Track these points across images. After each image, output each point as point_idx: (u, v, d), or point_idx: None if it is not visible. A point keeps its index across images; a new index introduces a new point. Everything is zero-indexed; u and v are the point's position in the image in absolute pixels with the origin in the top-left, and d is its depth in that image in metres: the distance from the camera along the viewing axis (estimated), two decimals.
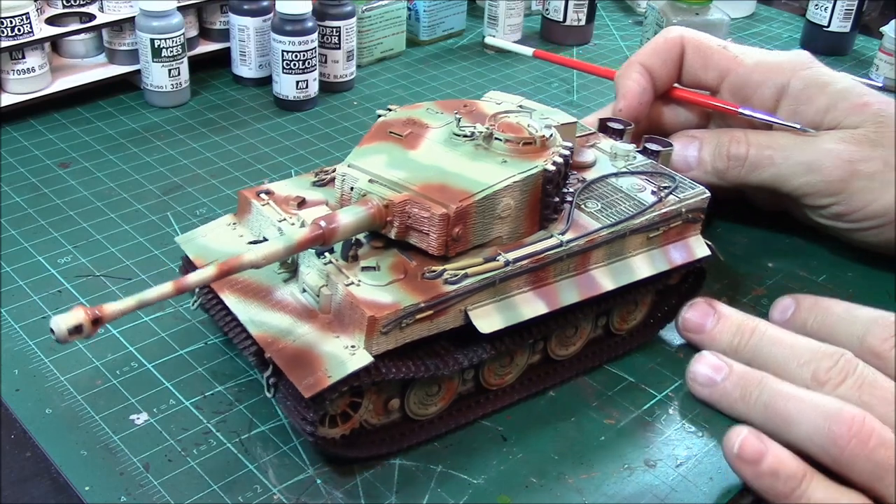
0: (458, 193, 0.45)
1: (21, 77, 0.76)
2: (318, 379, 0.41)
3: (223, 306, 0.47)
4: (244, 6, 0.81)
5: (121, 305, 0.38)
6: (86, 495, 0.43)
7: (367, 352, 0.42)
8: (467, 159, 0.47)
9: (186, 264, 0.51)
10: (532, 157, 0.47)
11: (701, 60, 0.65)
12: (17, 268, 0.58)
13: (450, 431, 0.48)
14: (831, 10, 0.99)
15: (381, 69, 0.92)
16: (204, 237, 0.50)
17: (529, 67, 0.94)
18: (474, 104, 0.53)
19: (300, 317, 0.45)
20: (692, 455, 0.48)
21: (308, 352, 0.43)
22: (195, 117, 0.79)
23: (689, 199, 0.53)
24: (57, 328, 0.36)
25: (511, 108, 0.53)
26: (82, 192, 0.67)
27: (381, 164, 0.47)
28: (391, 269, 0.45)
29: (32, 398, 0.48)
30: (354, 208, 0.45)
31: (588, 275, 0.49)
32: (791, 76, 0.62)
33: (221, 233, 0.51)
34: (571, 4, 0.98)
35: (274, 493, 0.44)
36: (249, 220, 0.50)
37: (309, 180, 0.52)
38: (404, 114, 0.51)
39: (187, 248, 0.50)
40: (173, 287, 0.39)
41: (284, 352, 0.43)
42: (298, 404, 0.42)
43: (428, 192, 0.45)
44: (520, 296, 0.47)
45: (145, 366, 0.51)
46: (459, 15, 1.00)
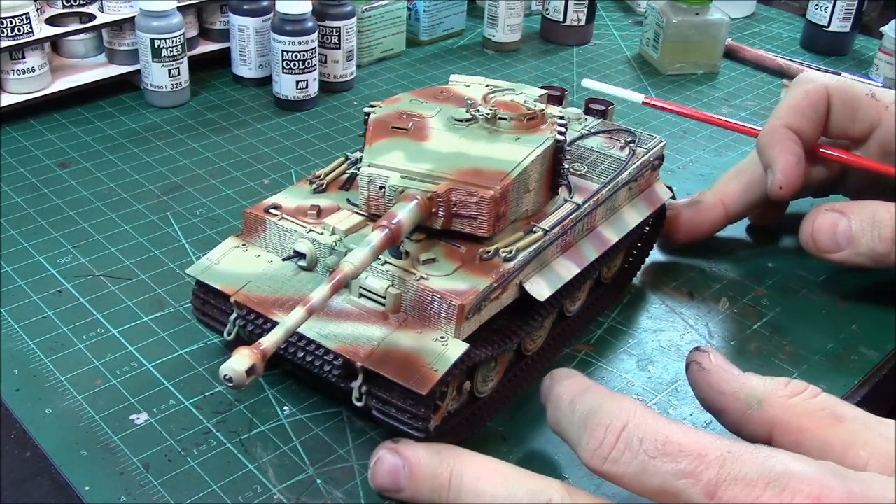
0: (495, 174, 0.46)
1: (21, 77, 0.76)
2: (427, 374, 0.41)
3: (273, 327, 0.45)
4: (244, 6, 0.81)
5: (274, 338, 0.38)
6: (86, 495, 0.43)
7: (458, 340, 0.43)
8: (484, 141, 0.48)
9: (204, 294, 0.49)
10: (538, 131, 0.50)
11: (849, 112, 0.59)
12: (17, 268, 0.58)
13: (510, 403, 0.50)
14: (831, 10, 0.99)
15: (381, 69, 0.92)
16: (218, 264, 0.48)
17: (529, 68, 0.94)
18: (449, 90, 0.54)
19: (369, 322, 0.44)
20: None
21: (399, 352, 0.42)
22: (195, 117, 0.79)
23: (654, 149, 0.57)
24: (235, 374, 0.36)
25: (482, 87, 0.54)
26: (82, 192, 0.67)
27: (402, 159, 0.47)
28: (448, 258, 0.46)
29: (32, 398, 0.48)
30: (405, 204, 0.45)
31: (596, 232, 0.53)
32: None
33: (236, 256, 0.49)
34: (571, 4, 0.98)
35: (274, 493, 0.44)
36: (263, 238, 0.49)
37: (306, 189, 0.51)
38: (391, 108, 0.51)
39: (207, 278, 0.48)
40: (306, 311, 0.39)
41: (374, 358, 0.42)
42: (405, 404, 0.42)
43: (465, 177, 0.46)
44: (555, 261, 0.49)
45: (145, 366, 0.51)
46: (459, 15, 1.00)
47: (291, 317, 0.39)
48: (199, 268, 0.49)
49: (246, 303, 0.46)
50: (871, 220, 0.55)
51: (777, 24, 1.11)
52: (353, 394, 0.43)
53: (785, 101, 0.60)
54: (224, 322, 0.48)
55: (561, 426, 0.41)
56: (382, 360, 0.42)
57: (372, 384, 0.43)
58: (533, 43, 1.01)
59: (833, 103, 0.59)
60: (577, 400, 0.40)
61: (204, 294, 0.49)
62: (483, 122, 0.50)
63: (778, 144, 0.58)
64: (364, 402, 0.43)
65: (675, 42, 0.93)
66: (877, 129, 0.59)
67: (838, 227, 0.56)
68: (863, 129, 0.59)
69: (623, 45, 1.02)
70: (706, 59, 0.94)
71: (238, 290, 0.47)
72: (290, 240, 0.47)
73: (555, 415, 0.41)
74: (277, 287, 0.47)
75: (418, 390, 0.41)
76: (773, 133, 0.59)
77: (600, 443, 0.37)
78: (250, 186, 0.69)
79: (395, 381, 0.41)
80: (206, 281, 0.48)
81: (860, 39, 1.04)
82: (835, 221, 0.56)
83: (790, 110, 0.59)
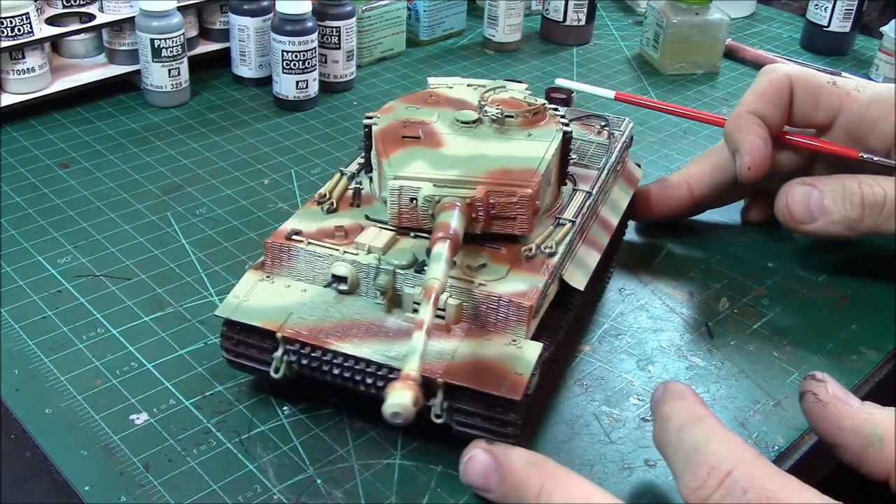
0: (525, 172, 0.46)
1: (21, 77, 0.76)
2: (514, 380, 0.41)
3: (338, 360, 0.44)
4: (244, 6, 0.81)
5: (414, 364, 0.37)
6: (86, 495, 0.43)
7: (529, 340, 0.43)
8: (498, 141, 0.49)
9: (237, 334, 0.46)
10: (545, 125, 0.50)
11: (812, 100, 0.60)
12: (17, 268, 0.58)
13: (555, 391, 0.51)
14: (831, 10, 0.99)
15: (381, 69, 0.92)
16: (248, 301, 0.46)
17: (529, 68, 0.94)
18: (437, 93, 0.54)
19: (432, 336, 0.43)
20: None
21: (476, 362, 0.42)
22: (195, 117, 0.79)
23: (627, 130, 0.59)
24: (404, 409, 0.35)
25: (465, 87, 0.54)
26: (82, 192, 0.67)
27: (427, 168, 0.46)
28: (495, 262, 0.46)
29: (32, 398, 0.48)
30: (451, 213, 0.44)
31: (599, 216, 0.54)
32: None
33: (264, 290, 0.46)
34: (571, 4, 0.98)
35: (274, 493, 0.44)
36: (290, 267, 0.47)
37: (316, 210, 0.49)
38: (391, 117, 0.51)
39: (242, 317, 0.45)
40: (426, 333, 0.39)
41: (453, 372, 0.42)
42: (493, 412, 0.42)
43: (498, 178, 0.46)
44: (579, 249, 0.50)
45: (145, 366, 0.51)
46: (459, 15, 1.00)
47: (417, 340, 0.38)
48: (228, 307, 0.46)
49: (296, 337, 0.44)
50: (841, 189, 0.57)
51: (777, 24, 1.11)
52: (433, 411, 0.43)
53: (750, 89, 0.62)
54: (264, 361, 0.46)
55: (665, 451, 0.41)
56: (463, 373, 0.42)
57: (452, 398, 0.43)
58: (533, 43, 1.01)
59: (796, 91, 0.61)
60: (686, 429, 0.40)
61: (237, 334, 0.46)
62: (489, 122, 0.50)
63: (744, 128, 0.60)
64: (444, 418, 0.43)
65: (675, 42, 0.93)
66: (839, 115, 0.60)
67: (811, 199, 0.58)
68: (826, 116, 0.61)
69: (623, 45, 1.02)
70: (706, 59, 0.94)
71: (282, 325, 0.44)
72: (324, 265, 0.46)
73: (661, 436, 0.41)
74: (323, 315, 0.45)
75: (512, 397, 0.41)
76: (738, 119, 0.61)
77: (702, 483, 0.37)
78: (250, 186, 0.69)
79: (485, 391, 0.41)
80: (241, 320, 0.45)
81: (860, 39, 1.04)
82: (808, 193, 0.58)
83: (755, 98, 0.61)
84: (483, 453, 0.42)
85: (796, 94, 0.61)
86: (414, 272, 0.45)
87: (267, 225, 0.64)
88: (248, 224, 0.64)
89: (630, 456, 0.47)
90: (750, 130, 0.60)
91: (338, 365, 0.44)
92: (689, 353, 0.55)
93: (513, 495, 0.41)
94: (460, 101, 0.53)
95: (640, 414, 0.50)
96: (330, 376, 0.45)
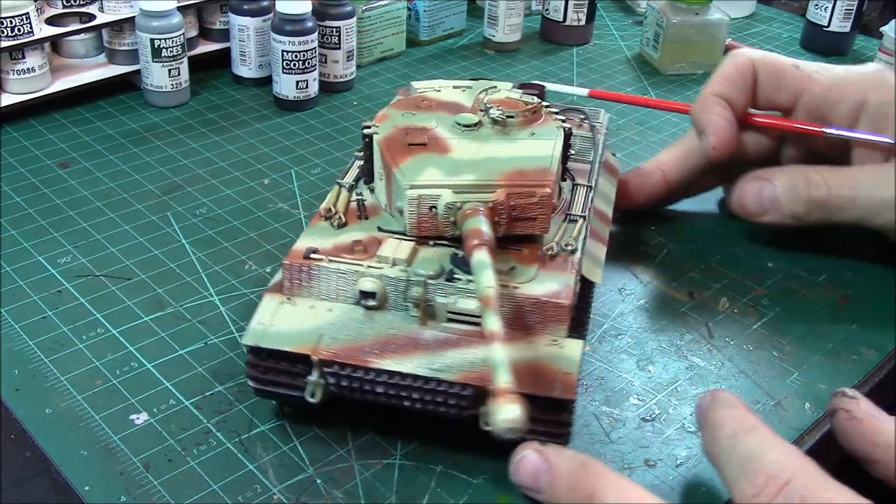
0: (539, 171, 0.47)
1: (21, 77, 0.76)
2: (565, 380, 0.42)
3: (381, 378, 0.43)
4: (244, 6, 0.81)
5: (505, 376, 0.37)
6: (86, 495, 0.43)
7: (568, 339, 0.44)
8: (505, 142, 0.49)
9: (264, 361, 0.45)
10: (542, 123, 0.50)
11: (774, 82, 0.62)
12: (17, 268, 0.58)
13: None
14: (831, 10, 0.99)
15: (381, 69, 0.92)
16: (274, 326, 0.44)
17: (529, 68, 0.94)
18: (427, 98, 0.53)
19: (472, 344, 0.43)
20: (692, 455, 0.47)
21: (522, 366, 0.42)
22: (195, 117, 0.79)
23: (605, 122, 0.61)
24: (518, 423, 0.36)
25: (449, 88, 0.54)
26: (82, 192, 0.67)
27: (441, 175, 0.46)
28: (521, 263, 0.46)
29: (32, 398, 0.48)
30: (478, 218, 0.44)
31: (595, 207, 0.54)
32: (868, 92, 0.59)
33: (288, 313, 0.45)
34: (571, 4, 0.98)
35: (274, 493, 0.44)
36: (311, 287, 0.45)
37: (325, 226, 0.48)
38: (389, 124, 0.50)
39: (272, 343, 0.44)
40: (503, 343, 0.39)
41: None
42: (546, 414, 0.42)
43: (514, 180, 0.46)
44: (589, 243, 0.50)
45: (145, 366, 0.51)
46: (459, 15, 1.00)
47: (497, 352, 0.38)
48: (255, 335, 0.44)
49: (333, 358, 0.43)
50: (791, 184, 0.60)
51: (777, 24, 1.11)
52: (483, 420, 0.42)
53: (715, 73, 0.63)
54: (296, 386, 0.44)
55: (717, 458, 0.41)
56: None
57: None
58: (533, 43, 1.01)
59: (759, 74, 0.62)
60: (739, 437, 0.40)
61: (264, 361, 0.45)
62: (490, 123, 0.50)
63: (708, 110, 0.61)
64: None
65: (675, 42, 0.93)
66: (801, 97, 0.62)
67: (763, 193, 0.60)
68: (789, 98, 0.62)
69: (623, 45, 1.02)
70: (706, 59, 0.94)
71: (316, 347, 0.43)
72: (348, 282, 0.45)
73: (712, 443, 0.42)
74: (356, 334, 0.44)
75: (567, 397, 0.41)
76: (704, 102, 0.62)
77: (759, 491, 0.37)
78: (250, 186, 0.69)
79: (538, 394, 0.41)
80: (271, 346, 0.43)
81: (860, 39, 1.04)
82: (760, 187, 0.61)
83: (720, 81, 0.62)
84: (534, 454, 0.42)
85: (760, 77, 0.62)
86: (444, 281, 0.44)
87: (267, 225, 0.64)
88: (248, 224, 0.64)
89: (630, 456, 0.47)
90: (714, 112, 0.61)
91: (381, 383, 0.43)
92: (689, 353, 0.55)
93: (563, 497, 0.41)
94: (454, 104, 0.52)
95: (640, 414, 0.50)
96: (372, 395, 0.44)
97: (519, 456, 0.43)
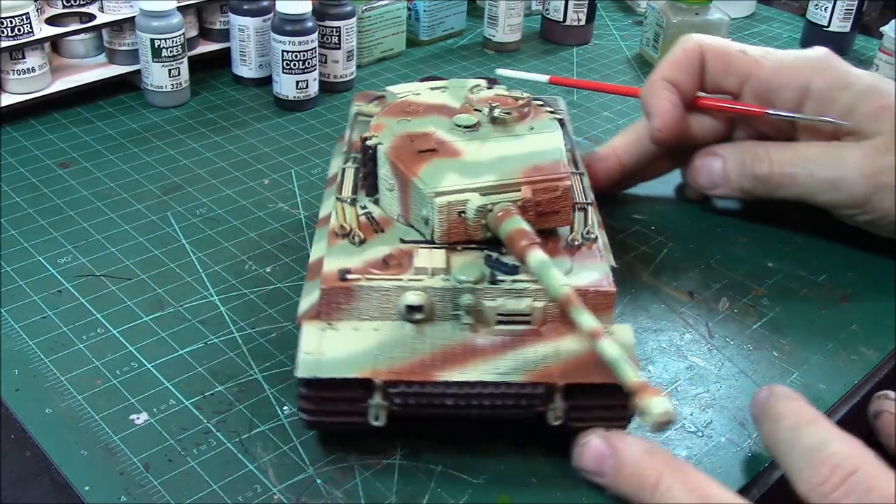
0: (553, 165, 0.47)
1: (21, 77, 0.76)
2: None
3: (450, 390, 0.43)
4: (244, 6, 0.81)
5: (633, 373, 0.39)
6: (86, 495, 0.43)
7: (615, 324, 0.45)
8: (509, 139, 0.49)
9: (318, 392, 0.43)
10: (535, 117, 0.50)
11: (722, 66, 0.63)
12: (17, 268, 0.58)
13: None
14: (831, 10, 0.99)
15: (381, 69, 0.92)
16: (327, 354, 0.43)
17: (529, 68, 0.94)
18: (411, 103, 0.52)
19: (529, 343, 0.44)
20: (692, 455, 0.47)
21: (581, 358, 0.43)
22: (195, 117, 0.79)
23: (565, 109, 0.62)
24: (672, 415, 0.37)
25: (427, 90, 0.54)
26: (82, 192, 0.67)
27: (462, 179, 0.46)
28: (553, 256, 0.45)
29: (32, 398, 0.48)
30: (516, 218, 0.44)
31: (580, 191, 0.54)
32: (813, 76, 0.60)
33: (336, 339, 0.43)
34: (571, 4, 0.98)
35: (274, 493, 0.44)
36: (352, 308, 0.44)
37: (346, 246, 0.47)
38: (388, 133, 0.49)
39: (330, 372, 0.42)
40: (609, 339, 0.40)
41: (568, 372, 0.43)
42: (611, 401, 0.43)
43: (534, 176, 0.46)
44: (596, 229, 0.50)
45: (145, 366, 0.51)
46: (459, 15, 1.00)
47: (609, 349, 0.39)
48: (309, 366, 0.42)
49: (397, 378, 0.42)
50: (740, 160, 0.62)
51: (777, 24, 1.11)
52: (551, 416, 0.43)
53: (664, 58, 0.65)
54: (354, 412, 0.43)
55: (778, 448, 0.42)
56: (577, 371, 0.43)
57: (571, 398, 0.43)
58: (533, 43, 1.01)
59: (707, 59, 0.63)
60: (802, 427, 0.41)
61: (319, 392, 0.43)
62: (487, 122, 0.49)
63: (655, 93, 0.63)
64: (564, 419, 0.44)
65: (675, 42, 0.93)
66: (748, 81, 0.63)
67: (714, 168, 0.63)
68: (735, 82, 0.63)
69: (623, 45, 1.02)
70: None
71: (376, 370, 0.42)
72: (392, 298, 0.44)
73: (772, 434, 0.43)
74: (411, 349, 0.43)
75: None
76: (651, 86, 0.63)
77: (824, 480, 0.38)
78: (250, 186, 0.69)
79: (610, 382, 0.41)
80: (329, 376, 0.42)
81: (860, 39, 1.04)
82: (711, 163, 0.64)
83: (668, 65, 0.64)
84: (599, 440, 0.43)
85: (708, 62, 0.64)
86: (489, 284, 0.44)
87: (267, 225, 0.64)
88: (248, 224, 0.64)
89: None
90: (660, 95, 0.62)
91: (450, 395, 0.43)
92: (689, 353, 0.55)
93: (627, 483, 0.42)
94: (442, 106, 0.51)
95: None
96: (441, 409, 0.43)
97: (583, 441, 0.43)
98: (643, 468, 0.41)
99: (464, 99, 0.52)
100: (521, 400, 0.43)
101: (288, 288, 0.58)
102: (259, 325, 0.55)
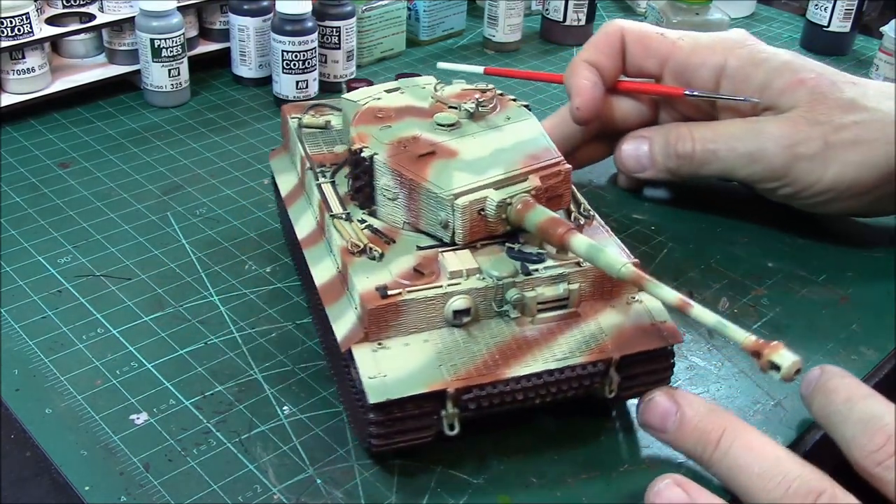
0: (544, 151, 0.48)
1: (21, 77, 0.76)
2: (665, 328, 0.46)
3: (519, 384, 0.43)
4: (244, 6, 0.81)
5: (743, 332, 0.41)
6: (86, 495, 0.43)
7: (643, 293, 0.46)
8: (494, 132, 0.49)
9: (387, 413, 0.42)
10: (505, 107, 0.51)
11: (641, 49, 0.65)
12: (17, 268, 0.58)
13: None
14: (831, 10, 0.99)
15: (381, 69, 0.92)
16: (390, 375, 0.42)
17: (529, 68, 0.94)
18: (384, 108, 0.51)
19: (573, 326, 0.45)
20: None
21: (624, 330, 0.45)
22: (195, 117, 0.79)
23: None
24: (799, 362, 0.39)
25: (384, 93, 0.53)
26: (82, 192, 0.67)
27: (471, 177, 0.46)
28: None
29: (32, 398, 0.48)
30: (539, 209, 0.45)
31: None
32: (728, 56, 0.62)
33: (392, 357, 0.43)
34: (571, 4, 0.98)
35: (274, 493, 0.44)
36: (399, 324, 0.44)
37: (366, 262, 0.46)
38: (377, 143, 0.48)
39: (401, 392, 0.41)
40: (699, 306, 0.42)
41: (618, 346, 0.45)
42: (658, 364, 0.46)
43: (534, 163, 0.47)
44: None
45: (145, 366, 0.51)
46: (459, 15, 1.00)
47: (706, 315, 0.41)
48: (379, 390, 0.41)
49: (468, 384, 0.42)
50: (665, 140, 0.64)
51: (777, 24, 1.11)
52: (606, 389, 0.45)
53: (587, 42, 0.66)
54: (424, 427, 0.43)
55: (830, 420, 0.43)
56: (626, 343, 0.45)
57: (622, 369, 0.45)
58: (533, 43, 1.01)
59: (627, 42, 0.65)
60: (856, 400, 0.43)
61: (389, 415, 0.42)
62: (465, 117, 0.50)
63: (576, 74, 0.64)
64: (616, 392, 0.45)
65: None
66: (667, 63, 0.65)
67: (640, 151, 0.65)
68: (655, 64, 0.65)
69: None
70: None
71: (446, 380, 0.42)
72: (436, 307, 0.44)
73: (825, 407, 0.44)
74: (469, 353, 0.44)
75: (677, 340, 0.46)
76: (573, 67, 0.65)
77: (879, 447, 0.40)
78: (250, 186, 0.69)
79: (654, 348, 0.45)
80: (401, 395, 0.41)
81: (860, 39, 1.04)
82: (637, 146, 0.65)
83: (590, 48, 0.65)
84: (664, 396, 0.44)
85: (628, 45, 0.65)
86: (524, 276, 0.45)
87: (267, 225, 0.64)
88: (248, 224, 0.64)
89: (630, 456, 0.47)
90: (580, 75, 0.64)
91: (518, 390, 0.43)
92: (689, 353, 0.55)
93: (689, 440, 0.43)
94: (411, 108, 0.51)
95: None
96: (510, 405, 0.44)
97: (648, 398, 0.45)
98: (706, 425, 0.42)
99: (427, 98, 0.52)
100: (584, 381, 0.44)
101: (288, 288, 0.58)
102: (259, 325, 0.55)
